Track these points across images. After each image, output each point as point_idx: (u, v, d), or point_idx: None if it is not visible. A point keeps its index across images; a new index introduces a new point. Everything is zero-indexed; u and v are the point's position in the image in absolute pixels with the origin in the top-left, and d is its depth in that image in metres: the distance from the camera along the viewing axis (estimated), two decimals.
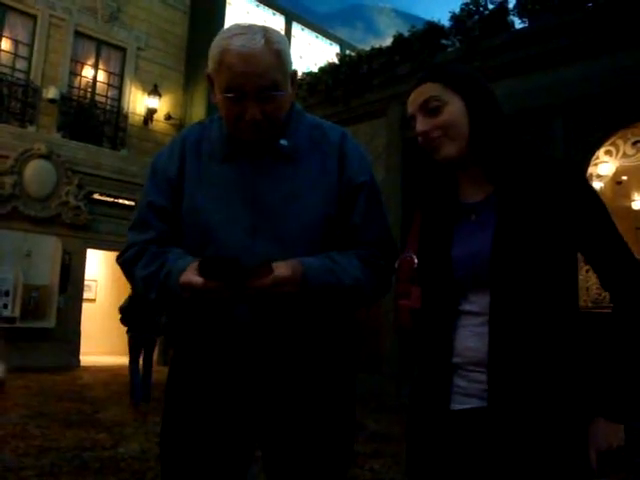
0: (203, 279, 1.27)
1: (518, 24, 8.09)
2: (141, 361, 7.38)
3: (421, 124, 1.39)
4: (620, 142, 7.72)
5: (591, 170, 7.76)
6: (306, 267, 1.34)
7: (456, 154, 1.38)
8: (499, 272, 1.30)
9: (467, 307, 1.36)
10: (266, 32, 1.41)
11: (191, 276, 1.30)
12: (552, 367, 1.28)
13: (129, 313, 7.28)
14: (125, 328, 7.33)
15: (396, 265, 1.44)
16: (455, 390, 1.34)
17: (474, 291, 1.35)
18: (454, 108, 1.36)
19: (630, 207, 9.35)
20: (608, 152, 7.84)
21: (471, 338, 1.33)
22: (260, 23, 1.47)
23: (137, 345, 7.33)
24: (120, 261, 1.55)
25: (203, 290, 1.28)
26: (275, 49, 1.39)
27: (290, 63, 1.46)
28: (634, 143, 7.70)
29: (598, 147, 7.41)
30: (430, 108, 1.37)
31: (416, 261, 1.40)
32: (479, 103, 1.37)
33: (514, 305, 1.28)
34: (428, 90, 1.38)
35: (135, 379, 7.27)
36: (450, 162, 1.40)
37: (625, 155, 7.88)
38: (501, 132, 1.38)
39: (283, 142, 1.48)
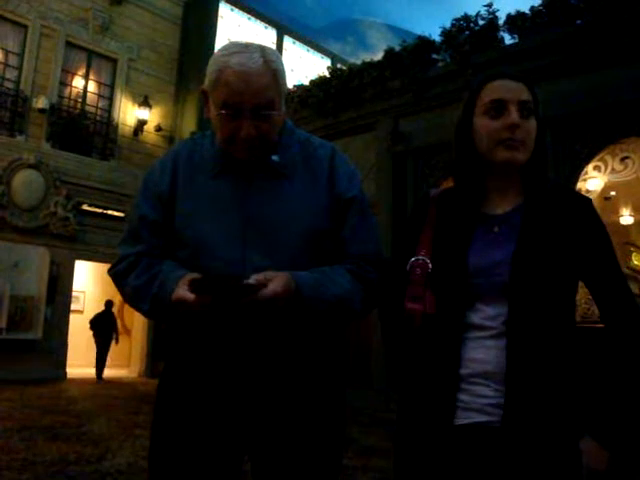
0: (195, 295, 1.28)
1: (508, 40, 8.20)
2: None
3: (517, 118, 1.39)
4: (609, 158, 7.78)
5: (580, 185, 7.81)
6: (298, 281, 1.35)
7: (523, 163, 1.40)
8: (519, 285, 1.31)
9: (476, 318, 1.36)
10: (264, 51, 1.43)
11: (182, 292, 1.31)
12: (566, 382, 1.30)
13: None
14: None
15: (407, 268, 1.42)
16: (457, 405, 1.33)
17: (486, 302, 1.35)
18: (534, 121, 1.41)
19: (618, 222, 9.42)
20: (597, 168, 7.89)
21: (478, 350, 1.33)
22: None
23: None
24: (112, 273, 1.55)
25: (195, 306, 1.30)
26: (273, 69, 1.42)
27: (286, 83, 1.49)
28: (622, 159, 7.76)
29: (587, 163, 7.48)
30: (526, 109, 1.40)
31: (430, 265, 1.39)
32: (541, 124, 1.43)
33: (531, 319, 1.30)
34: (526, 93, 1.42)
35: None
36: (513, 167, 1.42)
37: (613, 171, 7.93)
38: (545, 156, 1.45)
39: (275, 158, 1.50)
